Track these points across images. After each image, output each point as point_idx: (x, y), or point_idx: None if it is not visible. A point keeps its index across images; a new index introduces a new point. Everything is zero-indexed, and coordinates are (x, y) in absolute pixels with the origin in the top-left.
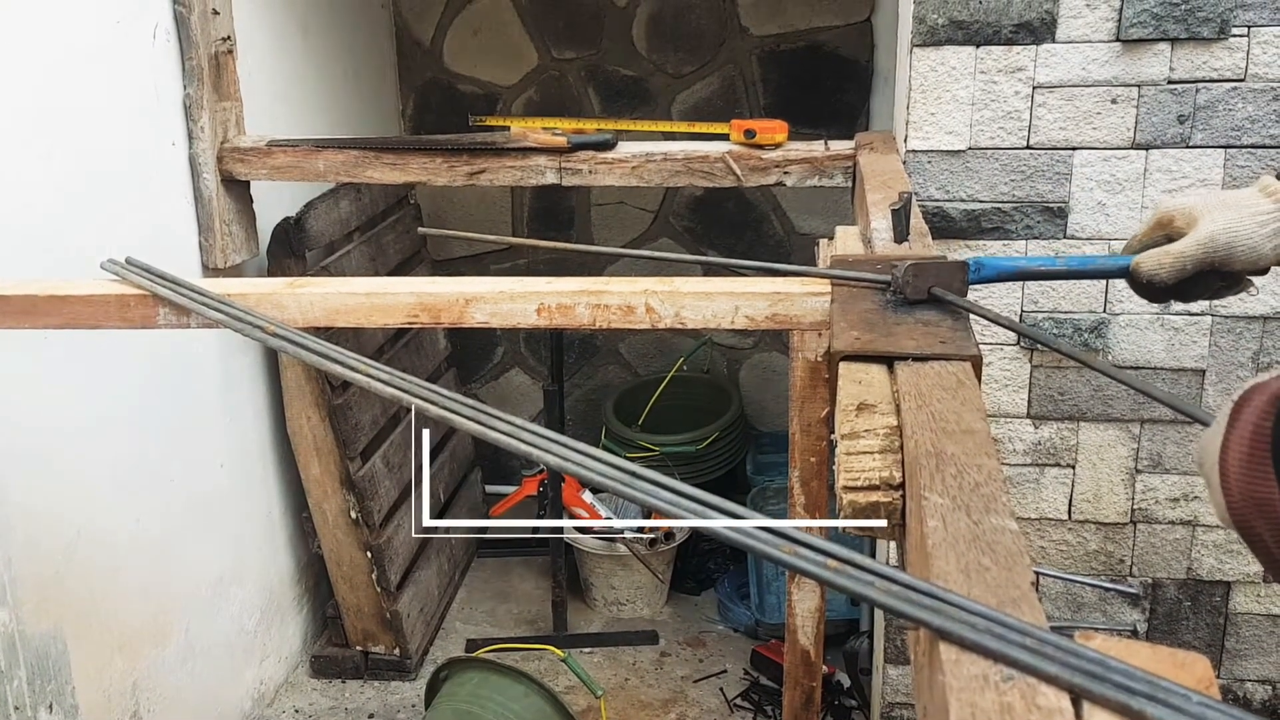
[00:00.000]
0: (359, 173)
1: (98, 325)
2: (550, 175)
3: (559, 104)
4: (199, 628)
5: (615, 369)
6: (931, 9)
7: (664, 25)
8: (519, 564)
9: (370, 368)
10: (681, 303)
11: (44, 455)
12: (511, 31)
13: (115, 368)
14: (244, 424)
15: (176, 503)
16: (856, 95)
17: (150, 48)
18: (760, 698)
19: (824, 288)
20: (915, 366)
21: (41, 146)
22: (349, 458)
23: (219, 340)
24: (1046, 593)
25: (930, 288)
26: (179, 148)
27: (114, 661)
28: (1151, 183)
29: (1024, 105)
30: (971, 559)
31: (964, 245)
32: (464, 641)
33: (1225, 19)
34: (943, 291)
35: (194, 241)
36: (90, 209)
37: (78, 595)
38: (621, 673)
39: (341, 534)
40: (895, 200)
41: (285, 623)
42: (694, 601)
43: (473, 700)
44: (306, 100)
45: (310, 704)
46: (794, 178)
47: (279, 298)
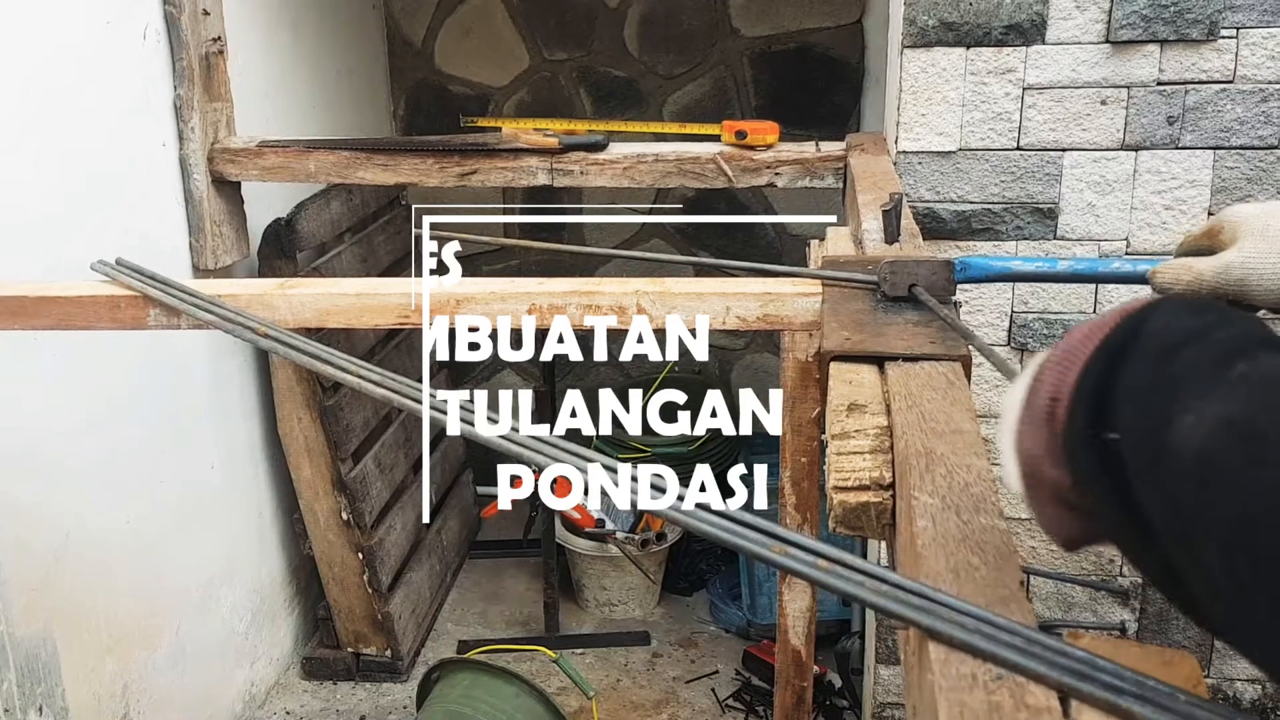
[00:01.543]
0: (350, 174)
1: (88, 326)
2: (542, 176)
3: (550, 105)
4: (190, 629)
5: (607, 370)
6: (922, 11)
7: (655, 26)
8: (511, 565)
9: (361, 369)
10: (673, 303)
11: (34, 456)
12: (503, 32)
13: (105, 369)
14: (235, 425)
15: (167, 504)
16: (848, 96)
17: (140, 48)
18: (752, 698)
19: (815, 288)
20: (905, 367)
21: (31, 147)
22: (340, 459)
23: (210, 341)
24: (1037, 592)
25: (911, 285)
26: (169, 148)
27: (104, 663)
28: (1141, 184)
29: (1014, 106)
30: (961, 559)
31: (954, 246)
32: (456, 643)
33: (1214, 21)
34: (921, 291)
35: (184, 242)
36: (80, 210)
37: (68, 597)
38: (613, 673)
39: (333, 535)
40: (886, 201)
41: (276, 624)
42: (686, 602)
43: (464, 701)
44: (297, 101)
45: (301, 706)
46: (785, 179)
47: (270, 298)
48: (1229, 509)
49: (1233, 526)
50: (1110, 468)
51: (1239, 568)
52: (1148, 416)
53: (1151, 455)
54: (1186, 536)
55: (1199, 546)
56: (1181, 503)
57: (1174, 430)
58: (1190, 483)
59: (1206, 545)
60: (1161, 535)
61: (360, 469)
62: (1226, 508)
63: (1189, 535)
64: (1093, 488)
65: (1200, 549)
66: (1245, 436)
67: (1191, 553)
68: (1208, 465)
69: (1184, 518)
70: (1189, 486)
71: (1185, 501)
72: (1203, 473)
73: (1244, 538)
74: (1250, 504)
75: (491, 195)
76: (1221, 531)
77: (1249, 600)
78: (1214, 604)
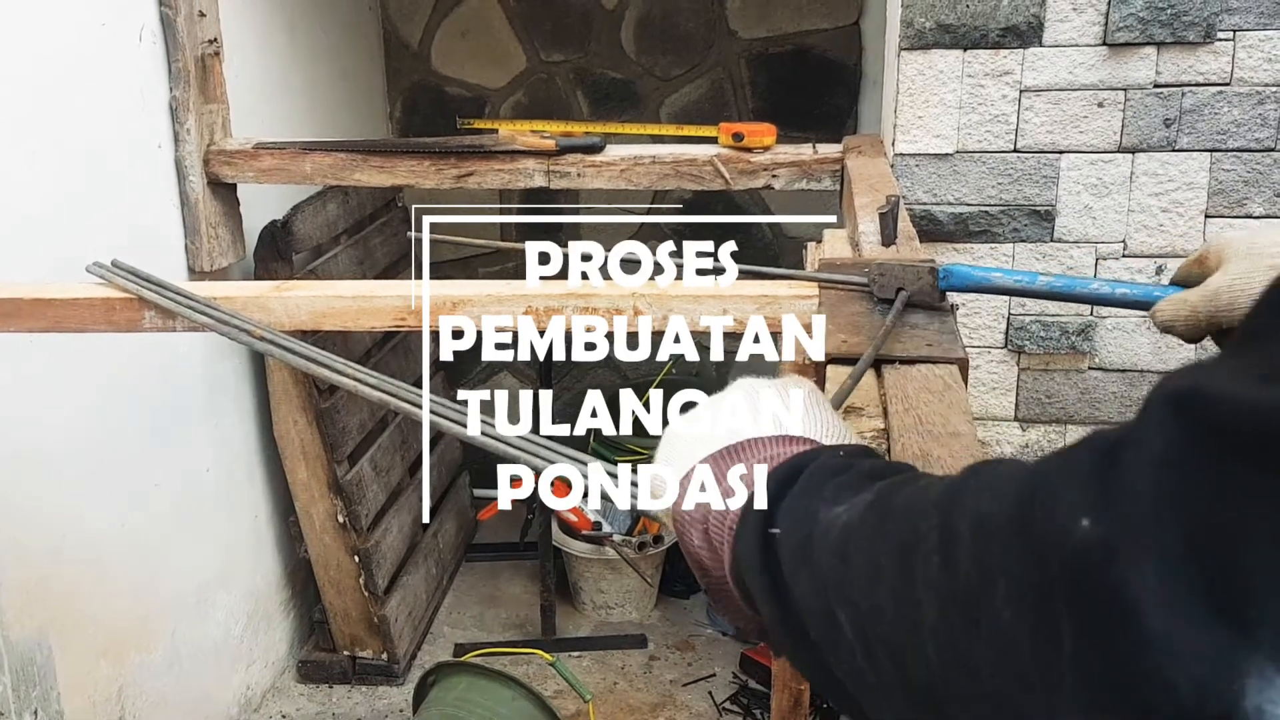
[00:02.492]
0: (346, 175)
1: (83, 328)
2: (538, 178)
3: (547, 107)
4: (185, 632)
5: (604, 372)
6: (919, 13)
7: (652, 28)
8: (507, 568)
9: (356, 371)
10: (669, 305)
11: (29, 459)
12: (500, 34)
13: (101, 372)
14: (230, 428)
15: (163, 507)
16: (845, 98)
17: (136, 50)
18: (749, 701)
19: (812, 291)
20: (902, 369)
21: (26, 149)
22: (336, 461)
23: (205, 344)
24: None
25: (898, 289)
26: (165, 150)
27: (100, 667)
28: (1138, 186)
29: (1011, 109)
30: None
31: (951, 248)
32: (452, 646)
33: (1211, 23)
34: (904, 296)
35: (180, 244)
36: (76, 212)
37: (63, 600)
38: (610, 676)
39: (329, 538)
40: (883, 204)
41: (272, 627)
42: (682, 605)
43: (460, 705)
44: (294, 103)
45: (297, 709)
46: (782, 181)
47: (265, 300)
48: (858, 572)
49: (859, 587)
50: (769, 565)
51: (863, 628)
52: (807, 511)
53: (804, 537)
54: (827, 608)
55: (837, 613)
56: (826, 575)
57: (827, 515)
58: (834, 556)
59: (840, 611)
60: (806, 616)
61: (356, 471)
62: (857, 571)
63: (829, 607)
64: (754, 584)
65: (838, 616)
66: (878, 517)
67: (832, 625)
68: (847, 538)
69: (827, 587)
70: (833, 560)
71: (829, 573)
72: (844, 545)
73: (863, 595)
74: (877, 560)
75: (488, 196)
76: (850, 594)
77: (877, 663)
78: (855, 680)
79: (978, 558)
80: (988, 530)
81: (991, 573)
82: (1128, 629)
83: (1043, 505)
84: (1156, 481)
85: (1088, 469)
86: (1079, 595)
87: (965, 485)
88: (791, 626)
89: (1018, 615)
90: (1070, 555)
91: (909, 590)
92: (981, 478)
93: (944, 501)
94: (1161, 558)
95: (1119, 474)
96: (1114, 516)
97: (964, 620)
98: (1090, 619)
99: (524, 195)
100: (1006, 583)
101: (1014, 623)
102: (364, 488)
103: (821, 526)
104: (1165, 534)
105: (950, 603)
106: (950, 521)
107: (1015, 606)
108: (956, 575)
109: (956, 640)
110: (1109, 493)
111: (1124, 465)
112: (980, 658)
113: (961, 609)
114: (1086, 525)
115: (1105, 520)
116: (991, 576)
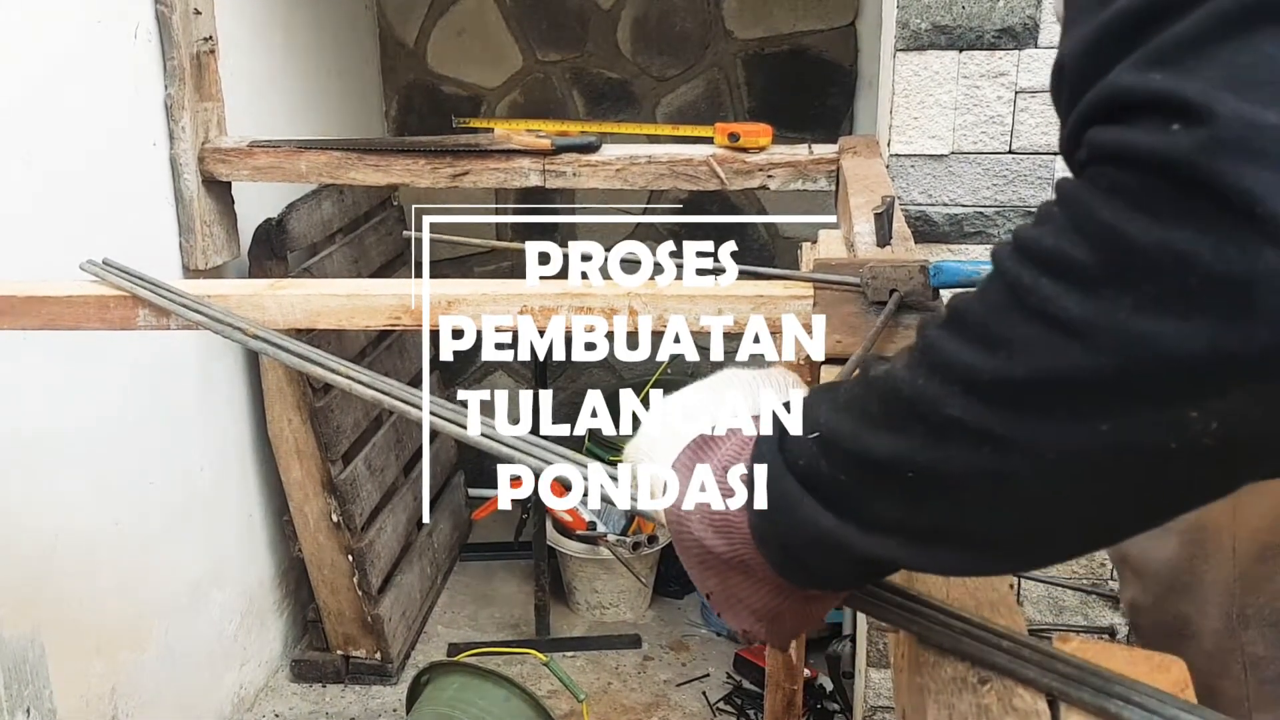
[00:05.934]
0: (342, 174)
1: (77, 327)
2: (534, 178)
3: (543, 106)
4: (178, 631)
5: (600, 372)
6: (914, 14)
7: (648, 28)
8: (501, 568)
9: (351, 370)
10: (665, 305)
11: (21, 457)
12: (496, 33)
13: (94, 369)
14: (224, 426)
15: (156, 506)
16: (840, 99)
17: (131, 47)
18: (743, 701)
19: (807, 291)
20: None
21: (20, 146)
22: (330, 461)
23: (199, 342)
24: (1028, 596)
25: (891, 290)
26: (160, 148)
27: (92, 665)
28: None
29: (1006, 110)
30: None
31: (946, 249)
32: (446, 646)
33: None
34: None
35: (174, 243)
36: (69, 210)
37: (56, 598)
38: (604, 677)
39: (323, 537)
40: (878, 204)
41: (265, 627)
42: (677, 605)
43: (454, 704)
44: (289, 101)
45: (290, 709)
46: (778, 181)
47: (260, 299)
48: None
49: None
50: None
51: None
52: (837, 399)
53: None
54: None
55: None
56: (922, 389)
57: (875, 373)
58: (915, 370)
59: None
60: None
61: (350, 471)
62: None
63: (941, 410)
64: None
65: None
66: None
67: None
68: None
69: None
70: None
71: (924, 387)
72: (924, 360)
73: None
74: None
75: (484, 196)
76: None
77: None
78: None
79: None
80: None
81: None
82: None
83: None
84: None
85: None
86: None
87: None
88: (886, 479)
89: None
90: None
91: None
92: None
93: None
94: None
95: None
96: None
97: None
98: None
99: (519, 195)
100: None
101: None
102: (358, 487)
103: (869, 384)
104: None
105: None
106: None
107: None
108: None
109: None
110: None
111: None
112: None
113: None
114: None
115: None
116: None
